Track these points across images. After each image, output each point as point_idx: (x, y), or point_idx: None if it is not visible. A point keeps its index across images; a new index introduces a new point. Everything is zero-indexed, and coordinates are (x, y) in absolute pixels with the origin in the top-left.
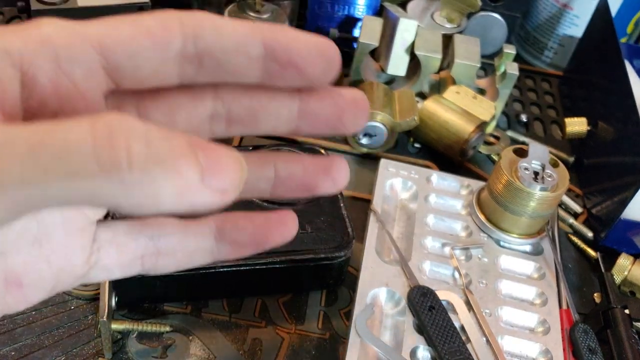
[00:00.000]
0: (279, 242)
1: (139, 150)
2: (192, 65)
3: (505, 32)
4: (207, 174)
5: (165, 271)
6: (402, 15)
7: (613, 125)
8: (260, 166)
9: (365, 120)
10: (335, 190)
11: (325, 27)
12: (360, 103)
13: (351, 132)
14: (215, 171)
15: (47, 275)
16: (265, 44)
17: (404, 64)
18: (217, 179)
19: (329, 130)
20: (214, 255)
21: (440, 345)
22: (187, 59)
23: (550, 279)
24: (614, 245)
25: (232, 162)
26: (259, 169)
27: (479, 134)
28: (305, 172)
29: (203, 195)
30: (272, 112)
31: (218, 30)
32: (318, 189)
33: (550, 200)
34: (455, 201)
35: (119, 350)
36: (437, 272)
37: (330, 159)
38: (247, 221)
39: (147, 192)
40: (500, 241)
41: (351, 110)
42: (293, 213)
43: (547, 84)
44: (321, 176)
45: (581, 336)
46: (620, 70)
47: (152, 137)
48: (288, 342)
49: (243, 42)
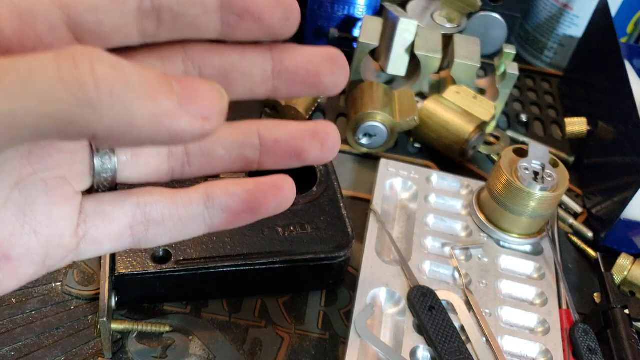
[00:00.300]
0: (275, 209)
1: (104, 72)
2: (152, 20)
3: (505, 32)
4: (184, 100)
5: (158, 243)
6: (402, 15)
7: (613, 125)
8: (244, 134)
9: (346, 78)
10: (325, 156)
11: (325, 27)
12: (336, 58)
13: (332, 90)
14: (192, 97)
15: (35, 247)
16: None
17: (404, 64)
18: (196, 105)
19: (307, 89)
20: (208, 225)
21: (440, 345)
22: (145, 13)
23: (550, 279)
24: (614, 245)
25: (209, 90)
26: (243, 136)
27: (479, 134)
28: (291, 136)
29: (182, 121)
30: (244, 71)
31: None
32: (307, 154)
33: (550, 200)
34: (455, 201)
35: (119, 351)
36: (437, 272)
37: (317, 123)
38: (238, 186)
39: (121, 116)
40: (500, 241)
41: (328, 65)
42: (289, 177)
43: (547, 84)
44: (308, 140)
45: (581, 336)
46: (620, 70)
47: (120, 64)
48: (288, 342)
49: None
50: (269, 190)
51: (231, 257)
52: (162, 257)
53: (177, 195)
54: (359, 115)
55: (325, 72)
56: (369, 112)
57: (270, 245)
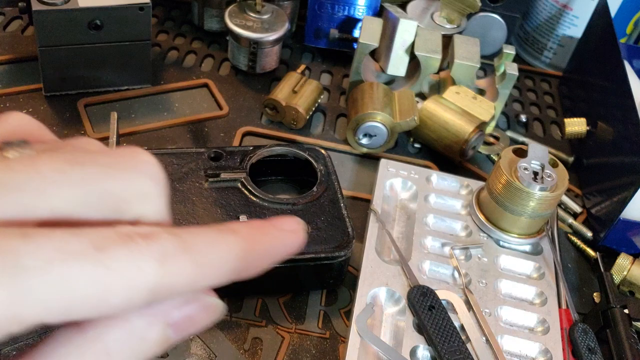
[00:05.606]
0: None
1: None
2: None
3: (504, 32)
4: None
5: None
6: (402, 16)
7: (612, 125)
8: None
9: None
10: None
11: (325, 28)
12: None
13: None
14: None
15: None
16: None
17: (403, 64)
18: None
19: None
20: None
21: (440, 344)
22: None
23: (550, 278)
24: (613, 245)
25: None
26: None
27: (479, 134)
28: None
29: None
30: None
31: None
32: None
33: (550, 200)
34: (455, 201)
35: None
36: (437, 271)
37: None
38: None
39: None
40: (499, 241)
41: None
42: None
43: (546, 84)
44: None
45: (580, 336)
46: (619, 71)
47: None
48: (288, 342)
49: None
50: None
51: None
52: None
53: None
54: (359, 115)
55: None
56: (369, 113)
57: None
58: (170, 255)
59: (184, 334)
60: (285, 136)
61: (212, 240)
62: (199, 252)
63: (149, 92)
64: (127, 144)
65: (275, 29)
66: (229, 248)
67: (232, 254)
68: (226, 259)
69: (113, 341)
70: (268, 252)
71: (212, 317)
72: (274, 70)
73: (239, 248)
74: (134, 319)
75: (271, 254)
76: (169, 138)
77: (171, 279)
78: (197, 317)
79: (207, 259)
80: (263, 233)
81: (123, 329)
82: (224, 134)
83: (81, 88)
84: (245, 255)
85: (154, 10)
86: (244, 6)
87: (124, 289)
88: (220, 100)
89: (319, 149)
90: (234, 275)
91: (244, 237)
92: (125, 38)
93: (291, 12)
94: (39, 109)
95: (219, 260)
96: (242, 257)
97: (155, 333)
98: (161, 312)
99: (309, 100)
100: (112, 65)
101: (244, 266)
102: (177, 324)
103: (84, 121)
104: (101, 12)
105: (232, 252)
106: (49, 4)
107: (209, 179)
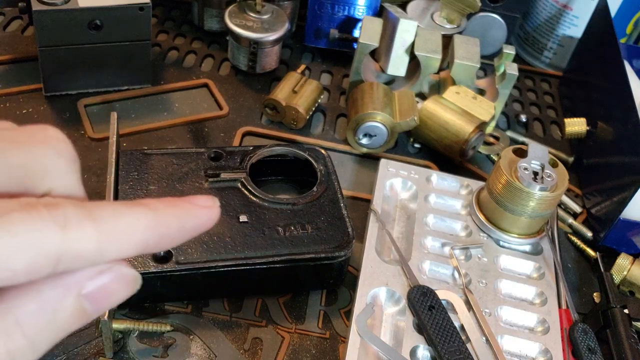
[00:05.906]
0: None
1: None
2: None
3: (504, 32)
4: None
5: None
6: (402, 16)
7: (612, 125)
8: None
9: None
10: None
11: (325, 28)
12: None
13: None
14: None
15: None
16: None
17: (403, 64)
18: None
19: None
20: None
21: (440, 344)
22: None
23: (550, 278)
24: (613, 245)
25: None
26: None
27: (479, 134)
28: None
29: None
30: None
31: None
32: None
33: (550, 200)
34: (455, 201)
35: (120, 350)
36: (437, 271)
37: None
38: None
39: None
40: (499, 241)
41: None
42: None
43: (546, 84)
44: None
45: (580, 336)
46: (619, 71)
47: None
48: (288, 342)
49: None
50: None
51: (232, 257)
52: (163, 257)
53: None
54: (359, 115)
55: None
56: (369, 113)
57: (270, 245)
58: (73, 221)
59: (102, 306)
60: (285, 136)
61: (119, 210)
62: (103, 220)
63: (149, 92)
64: (127, 144)
65: (275, 29)
66: (137, 218)
67: (141, 224)
68: (133, 229)
69: (24, 313)
70: (181, 226)
71: (128, 288)
72: (274, 70)
73: (148, 219)
74: (45, 289)
75: (184, 227)
76: (169, 138)
77: (75, 244)
78: (112, 288)
79: (112, 226)
80: (174, 206)
81: (34, 300)
82: (224, 134)
83: (81, 88)
84: (156, 226)
85: (154, 10)
86: (244, 6)
87: (27, 253)
88: (220, 100)
89: (319, 149)
90: (144, 246)
91: (153, 209)
92: (125, 38)
93: (291, 12)
94: (39, 109)
95: (125, 229)
96: (152, 227)
97: (69, 304)
98: (74, 283)
99: (309, 100)
100: (112, 65)
101: (155, 238)
102: (93, 294)
103: (84, 121)
104: (101, 12)
105: (140, 223)
106: (49, 4)
107: (209, 179)
